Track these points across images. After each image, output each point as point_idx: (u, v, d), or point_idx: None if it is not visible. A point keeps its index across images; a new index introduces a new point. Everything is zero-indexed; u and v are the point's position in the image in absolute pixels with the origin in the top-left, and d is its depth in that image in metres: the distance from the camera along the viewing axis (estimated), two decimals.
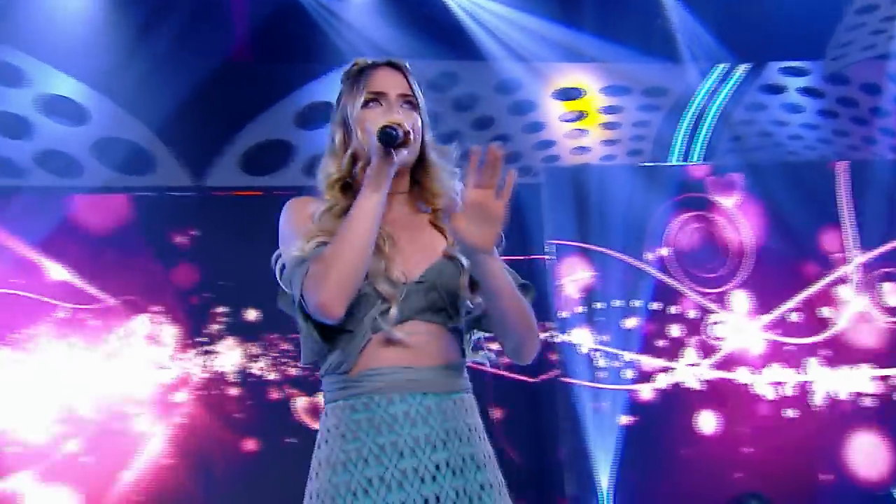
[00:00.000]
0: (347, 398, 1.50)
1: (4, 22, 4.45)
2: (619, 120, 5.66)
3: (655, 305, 5.22)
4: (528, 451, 5.42)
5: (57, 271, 4.79)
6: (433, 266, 1.55)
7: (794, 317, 5.27)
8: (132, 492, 4.68)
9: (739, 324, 5.29)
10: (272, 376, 4.96)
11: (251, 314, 4.95)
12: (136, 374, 4.81)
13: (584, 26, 5.04)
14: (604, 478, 5.01)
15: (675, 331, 5.25)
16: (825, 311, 5.30)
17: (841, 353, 5.27)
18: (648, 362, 5.19)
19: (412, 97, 1.62)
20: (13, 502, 4.51)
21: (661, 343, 5.22)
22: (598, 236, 5.14)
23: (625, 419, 5.09)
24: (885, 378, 5.24)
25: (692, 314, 5.27)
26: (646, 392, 5.17)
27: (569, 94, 5.47)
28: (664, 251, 5.28)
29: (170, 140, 4.94)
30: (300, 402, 4.98)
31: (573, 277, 5.15)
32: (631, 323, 5.18)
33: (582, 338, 5.15)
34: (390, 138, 1.44)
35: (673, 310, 5.25)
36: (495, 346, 1.64)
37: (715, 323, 5.29)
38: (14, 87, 4.74)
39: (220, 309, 4.95)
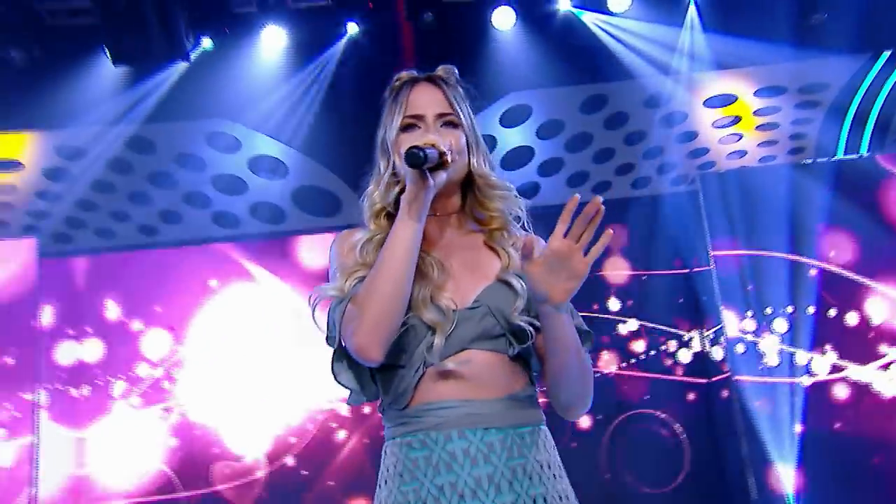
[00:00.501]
0: (404, 435, 1.34)
1: (221, 100, 5.08)
2: (776, 120, 5.30)
3: (831, 303, 4.79)
4: (708, 455, 5.26)
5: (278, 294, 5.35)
6: (486, 290, 1.38)
7: None
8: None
9: None
10: None
11: None
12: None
13: (731, 31, 4.73)
14: (788, 484, 4.73)
15: (855, 328, 4.79)
16: None
17: None
18: (828, 363, 4.81)
19: (452, 115, 1.45)
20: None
21: (841, 343, 4.76)
22: (762, 238, 4.81)
23: (806, 424, 4.75)
24: None
25: (876, 311, 4.77)
26: (828, 395, 4.79)
27: (720, 101, 5.23)
28: (838, 245, 4.83)
29: (353, 184, 5.40)
30: None
31: (738, 282, 4.91)
32: (805, 323, 4.78)
33: (755, 341, 4.91)
34: (416, 160, 1.27)
35: (852, 307, 4.78)
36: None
37: None
38: (231, 152, 5.35)
39: None
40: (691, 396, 5.36)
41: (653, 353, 5.43)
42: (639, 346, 5.47)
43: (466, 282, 1.40)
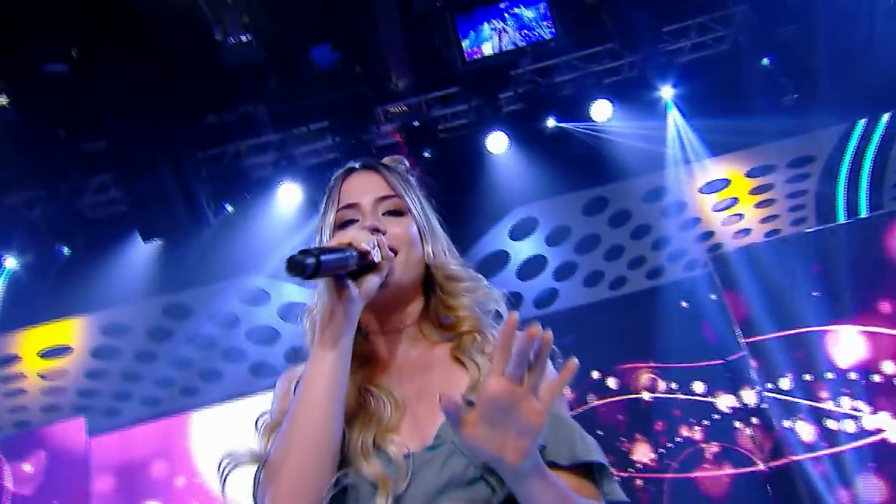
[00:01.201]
0: None
1: (246, 258, 5.09)
2: (772, 196, 5.30)
3: (869, 364, 4.54)
4: None
5: None
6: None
7: None
8: None
9: None
10: None
11: None
12: None
13: (711, 119, 4.77)
14: None
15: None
16: None
17: None
18: (879, 424, 4.55)
19: (395, 198, 1.12)
20: None
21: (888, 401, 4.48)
22: (784, 309, 4.62)
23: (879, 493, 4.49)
24: None
25: None
26: (886, 455, 4.56)
27: (716, 186, 5.24)
28: (861, 303, 4.59)
29: None
30: None
31: (771, 359, 4.75)
32: (858, 392, 4.52)
33: (805, 418, 4.70)
34: (298, 269, 0.91)
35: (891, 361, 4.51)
36: None
37: None
38: (261, 304, 5.37)
39: None
40: (752, 483, 5.11)
41: (701, 446, 5.22)
42: (681, 437, 5.28)
43: (424, 413, 1.02)
